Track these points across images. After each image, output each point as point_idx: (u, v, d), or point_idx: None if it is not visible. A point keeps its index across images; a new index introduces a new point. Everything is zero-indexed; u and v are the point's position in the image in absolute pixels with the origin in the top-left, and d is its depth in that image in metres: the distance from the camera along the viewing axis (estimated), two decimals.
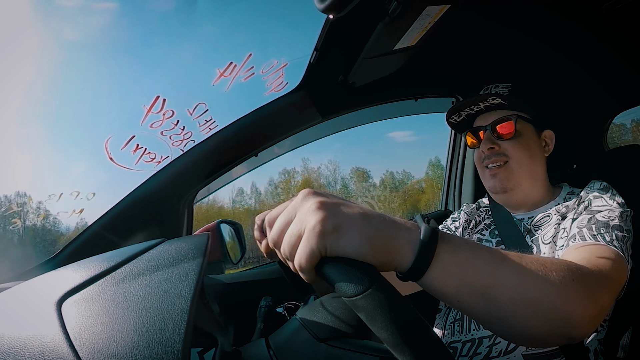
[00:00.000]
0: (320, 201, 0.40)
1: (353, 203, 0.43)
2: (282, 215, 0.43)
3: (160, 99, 1.09)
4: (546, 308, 0.46)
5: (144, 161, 1.15)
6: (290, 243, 0.40)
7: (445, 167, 1.83)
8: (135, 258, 0.47)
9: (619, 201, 0.83)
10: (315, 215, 0.39)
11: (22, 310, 0.43)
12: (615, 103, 1.52)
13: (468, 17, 1.05)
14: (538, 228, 0.92)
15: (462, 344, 0.87)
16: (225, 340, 0.61)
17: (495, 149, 0.96)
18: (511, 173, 0.95)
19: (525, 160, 0.95)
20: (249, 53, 1.13)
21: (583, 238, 0.73)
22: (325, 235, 0.38)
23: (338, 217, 0.39)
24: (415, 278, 0.42)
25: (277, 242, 0.43)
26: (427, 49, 1.07)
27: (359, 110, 1.39)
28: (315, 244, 0.38)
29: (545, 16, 1.10)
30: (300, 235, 0.40)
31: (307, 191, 0.43)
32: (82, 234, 1.07)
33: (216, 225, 1.13)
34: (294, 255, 0.40)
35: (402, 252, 0.41)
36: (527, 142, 0.96)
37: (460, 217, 1.12)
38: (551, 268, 0.48)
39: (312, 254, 0.38)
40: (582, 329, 0.50)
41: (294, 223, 0.41)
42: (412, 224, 0.43)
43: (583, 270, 0.55)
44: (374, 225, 0.41)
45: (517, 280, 0.45)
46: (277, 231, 0.42)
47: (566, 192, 0.98)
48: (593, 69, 1.36)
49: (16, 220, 1.16)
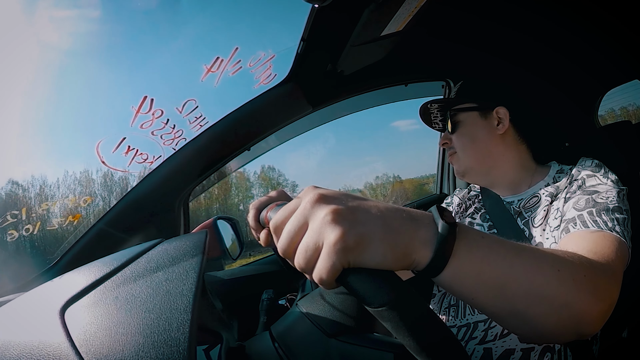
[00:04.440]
0: (334, 210, 0.37)
1: (365, 199, 0.41)
2: (290, 223, 0.40)
3: (148, 99, 1.08)
4: (560, 305, 0.46)
5: (136, 162, 1.14)
6: (307, 258, 0.38)
7: (438, 150, 1.84)
8: (135, 260, 0.47)
9: (612, 179, 0.82)
10: (335, 231, 0.36)
11: (27, 320, 0.43)
12: (600, 84, 1.55)
13: (453, 1, 1.05)
14: (528, 210, 0.92)
15: (458, 329, 0.88)
16: (230, 335, 0.62)
17: (448, 143, 1.05)
18: (458, 159, 1.03)
19: (469, 145, 1.01)
20: (236, 47, 1.11)
21: (585, 224, 0.71)
22: (348, 252, 0.36)
23: (359, 228, 0.37)
24: (431, 276, 0.41)
25: (288, 252, 0.40)
26: (414, 33, 1.06)
27: (350, 99, 1.38)
28: (337, 260, 0.36)
29: (526, 7, 1.11)
30: (317, 249, 0.37)
31: (315, 194, 0.40)
32: (80, 240, 1.07)
33: (213, 222, 1.13)
34: (311, 268, 0.38)
35: (420, 251, 0.40)
36: (467, 129, 1.01)
37: (454, 202, 1.14)
38: (564, 263, 0.49)
39: (334, 269, 0.37)
40: (594, 324, 0.50)
41: (308, 235, 0.38)
42: (429, 219, 0.41)
43: (593, 264, 0.56)
44: (394, 229, 0.39)
45: (531, 276, 0.45)
46: (288, 241, 0.40)
47: (555, 170, 0.97)
48: (575, 53, 1.38)
49: (12, 231, 1.15)
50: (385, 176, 5.32)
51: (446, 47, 1.34)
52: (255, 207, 0.62)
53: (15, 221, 1.15)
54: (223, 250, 1.12)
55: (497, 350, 0.80)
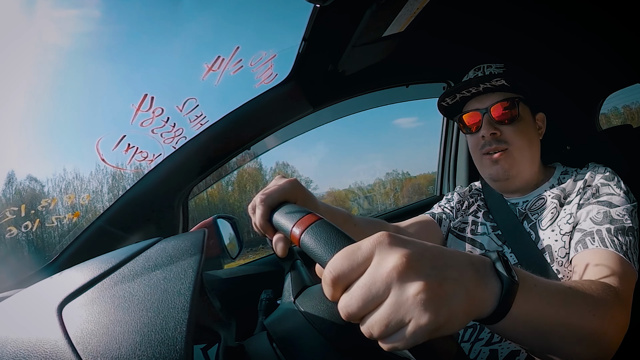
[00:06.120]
0: (427, 288, 0.34)
1: (443, 253, 0.38)
2: (366, 287, 0.35)
3: (149, 97, 1.08)
4: (592, 341, 0.52)
5: (136, 160, 1.14)
6: (386, 332, 0.35)
7: (438, 151, 1.84)
8: (133, 258, 0.47)
9: (625, 189, 0.84)
10: (427, 312, 0.33)
11: (24, 317, 0.43)
12: (602, 87, 1.55)
13: (455, 3, 1.05)
14: (534, 212, 0.92)
15: (464, 330, 0.88)
16: (228, 335, 0.61)
17: (497, 134, 0.90)
18: (513, 161, 0.91)
19: (526, 147, 0.92)
20: (237, 46, 1.11)
21: (603, 241, 0.74)
22: (436, 331, 0.34)
23: (449, 305, 0.35)
24: (488, 324, 0.42)
25: (357, 316, 0.36)
26: (416, 34, 1.06)
27: (351, 99, 1.38)
28: (422, 338, 0.34)
29: (529, 8, 1.11)
30: (401, 325, 0.34)
31: (402, 259, 0.35)
32: (79, 238, 1.06)
33: (213, 220, 1.12)
34: (384, 337, 0.35)
35: (484, 307, 0.40)
36: (526, 126, 0.93)
37: (454, 199, 1.13)
38: (598, 306, 0.54)
39: (414, 344, 0.34)
40: (613, 349, 0.57)
41: (393, 310, 0.34)
42: (492, 270, 0.41)
43: (618, 296, 0.62)
44: (471, 294, 0.37)
45: (572, 321, 0.50)
46: (361, 307, 0.35)
47: (560, 172, 0.97)
48: (578, 56, 1.38)
49: (12, 228, 1.15)
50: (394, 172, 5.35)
51: (448, 48, 1.34)
52: (267, 204, 0.56)
53: (14, 217, 1.15)
54: (222, 249, 1.12)
55: (502, 352, 0.80)
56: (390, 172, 5.39)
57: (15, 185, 2.07)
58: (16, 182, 2.13)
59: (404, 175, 5.75)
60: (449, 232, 1.06)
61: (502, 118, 0.91)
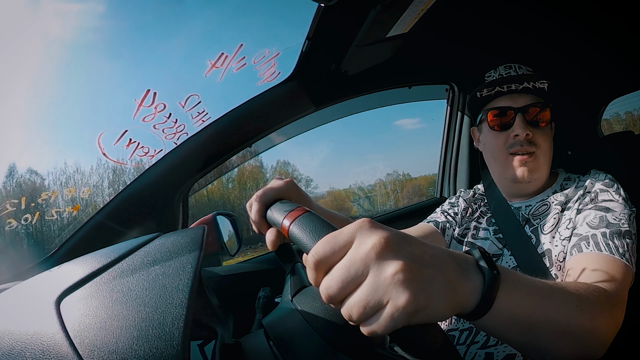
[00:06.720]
0: (405, 269, 0.34)
1: (424, 244, 0.39)
2: (346, 269, 0.35)
3: (151, 93, 1.08)
4: (581, 338, 0.52)
5: (137, 155, 1.14)
6: (364, 313, 0.35)
7: (440, 153, 1.83)
8: (132, 253, 0.47)
9: (624, 196, 0.84)
10: (405, 293, 0.34)
11: (22, 310, 0.43)
12: (606, 92, 1.54)
13: (460, 5, 1.05)
14: (537, 217, 0.92)
15: (460, 332, 0.88)
16: (225, 331, 0.61)
17: (530, 136, 0.90)
18: (538, 164, 0.92)
19: (549, 152, 0.93)
20: (240, 43, 1.11)
21: (597, 245, 0.74)
22: (414, 314, 0.35)
23: (427, 289, 0.35)
24: (472, 319, 0.42)
25: (336, 298, 0.36)
26: (420, 36, 1.06)
27: (353, 99, 1.38)
28: (400, 322, 0.34)
29: (535, 10, 1.10)
30: (379, 307, 0.34)
31: (380, 240, 0.35)
32: (78, 231, 1.06)
33: (212, 217, 1.12)
34: (363, 320, 0.36)
35: (468, 300, 0.40)
36: (551, 132, 0.95)
37: (460, 204, 1.11)
38: (586, 302, 0.54)
39: (393, 328, 0.35)
40: (603, 348, 0.57)
41: (371, 290, 0.34)
42: (474, 266, 0.41)
43: (608, 296, 0.61)
44: (452, 285, 0.38)
45: (558, 316, 0.50)
46: (340, 289, 0.35)
47: (562, 177, 0.98)
48: (583, 60, 1.37)
49: (11, 220, 1.15)
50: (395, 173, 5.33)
51: (452, 50, 1.33)
52: (262, 201, 0.59)
53: (14, 209, 1.15)
54: (221, 246, 1.12)
55: (498, 355, 0.80)
56: (391, 173, 5.36)
57: (16, 177, 2.07)
58: (17, 174, 2.13)
59: (404, 177, 5.70)
60: (452, 240, 1.06)
61: (536, 120, 0.92)
